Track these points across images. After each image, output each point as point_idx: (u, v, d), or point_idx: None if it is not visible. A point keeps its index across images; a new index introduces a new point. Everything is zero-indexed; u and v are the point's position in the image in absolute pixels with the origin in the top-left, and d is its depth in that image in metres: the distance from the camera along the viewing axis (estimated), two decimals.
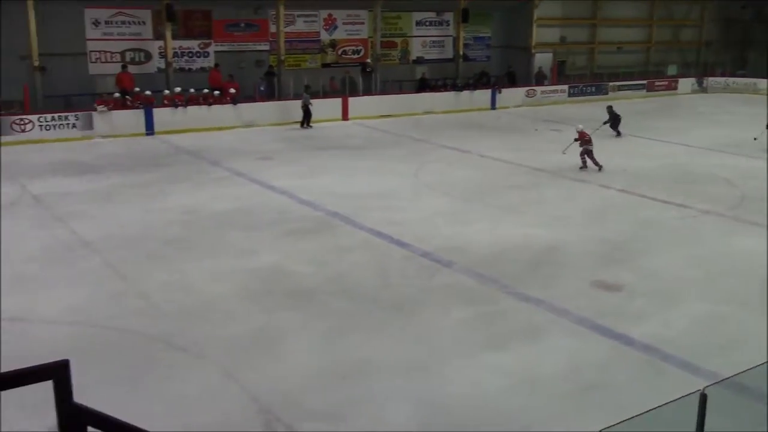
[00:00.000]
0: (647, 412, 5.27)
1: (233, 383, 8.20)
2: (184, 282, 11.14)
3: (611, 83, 35.35)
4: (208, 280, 11.24)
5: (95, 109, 23.04)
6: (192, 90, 25.00)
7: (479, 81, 31.84)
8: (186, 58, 27.01)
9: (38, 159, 19.57)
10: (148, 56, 26.31)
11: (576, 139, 19.12)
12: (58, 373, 2.09)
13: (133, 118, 23.62)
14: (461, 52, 32.35)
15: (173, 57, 25.98)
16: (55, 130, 22.30)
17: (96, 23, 25.16)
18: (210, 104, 24.94)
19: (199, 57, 27.27)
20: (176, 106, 24.33)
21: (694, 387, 5.71)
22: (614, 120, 24.06)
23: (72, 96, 24.06)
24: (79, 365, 2.10)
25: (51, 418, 6.05)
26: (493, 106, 31.29)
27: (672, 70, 39.08)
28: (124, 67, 25.13)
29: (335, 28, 30.12)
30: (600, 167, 18.79)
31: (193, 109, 24.64)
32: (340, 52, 30.42)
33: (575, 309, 10.26)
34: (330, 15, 29.84)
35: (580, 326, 9.79)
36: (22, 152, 20.46)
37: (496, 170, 19.33)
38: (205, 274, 11.48)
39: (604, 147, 22.48)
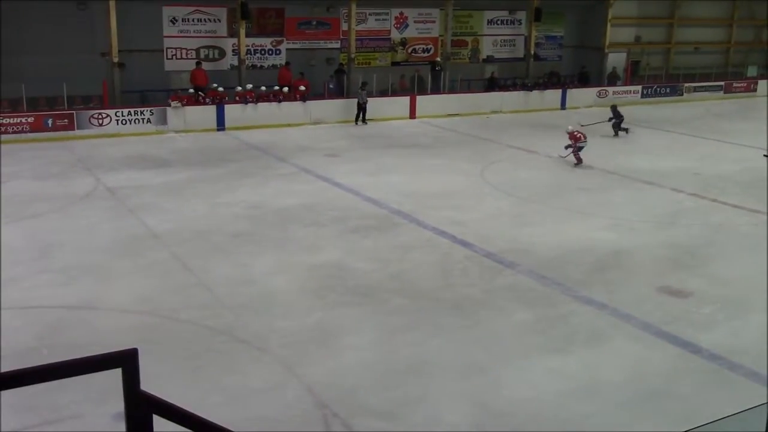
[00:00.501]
0: (713, 422, 5.12)
1: (293, 377, 8.31)
2: (247, 275, 11.34)
3: (686, 84, 34.37)
4: (271, 274, 11.41)
5: (169, 105, 23.63)
6: (263, 87, 25.38)
7: (549, 81, 31.38)
8: (258, 55, 27.43)
9: (114, 152, 20.17)
10: (222, 53, 26.83)
11: (569, 144, 19.35)
12: (127, 361, 2.15)
13: (206, 113, 24.12)
14: (533, 52, 31.94)
15: (246, 54, 26.42)
16: (130, 124, 22.96)
17: (173, 21, 25.77)
18: (280, 101, 25.28)
19: (271, 54, 27.66)
20: (247, 102, 24.74)
21: (763, 398, 5.52)
22: (617, 119, 23.57)
23: (148, 92, 24.73)
24: (145, 354, 2.15)
25: (117, 405, 6.21)
26: (563, 107, 30.82)
27: (752, 71, 37.75)
28: (198, 63, 25.69)
29: (406, 26, 30.13)
30: (579, 162, 19.20)
31: (263, 106, 25.01)
32: (410, 50, 30.42)
33: (640, 314, 10.04)
34: (401, 13, 29.86)
35: (645, 332, 9.57)
36: (98, 145, 21.13)
37: (563, 171, 19.04)
38: (269, 268, 11.65)
39: (672, 150, 21.89)
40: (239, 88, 25.09)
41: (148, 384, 2.31)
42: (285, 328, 9.53)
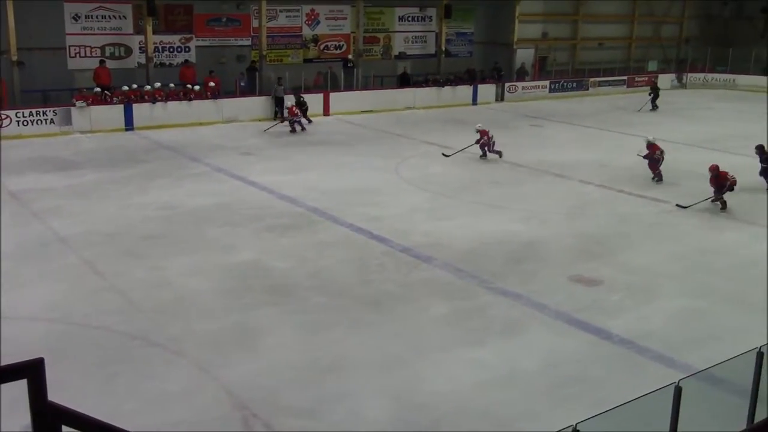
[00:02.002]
0: (623, 404, 5.31)
1: (211, 379, 8.17)
2: (161, 278, 11.08)
3: (591, 79, 35.48)
4: (186, 275, 11.19)
5: (74, 105, 22.82)
6: (172, 85, 24.83)
7: (467, 77, 31.76)
8: (167, 53, 26.82)
9: (15, 155, 19.33)
10: (129, 51, 26.10)
11: (477, 141, 19.94)
12: (32, 371, 2.05)
13: (113, 113, 23.41)
14: (443, 48, 32.33)
15: (154, 52, 25.78)
16: (33, 125, 22.05)
17: (76, 17, 24.91)
18: (190, 99, 24.78)
19: (180, 52, 27.08)
20: (156, 101, 24.15)
21: (670, 380, 5.76)
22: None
23: (50, 91, 23.81)
24: (56, 363, 2.07)
25: (25, 417, 5.97)
26: (474, 102, 31.32)
27: (652, 66, 39.26)
28: (101, 62, 24.91)
29: (318, 23, 30.02)
30: (500, 153, 19.93)
31: (173, 105, 24.46)
32: (322, 47, 30.33)
33: (553, 304, 10.31)
34: (312, 10, 29.74)
35: (558, 320, 9.84)
36: None
37: (476, 166, 19.36)
38: (183, 270, 11.42)
39: (588, 143, 22.61)
40: (148, 87, 24.46)
41: (60, 394, 2.23)
42: (202, 330, 9.36)
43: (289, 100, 25.19)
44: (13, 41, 22.63)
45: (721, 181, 15.08)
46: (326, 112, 27.37)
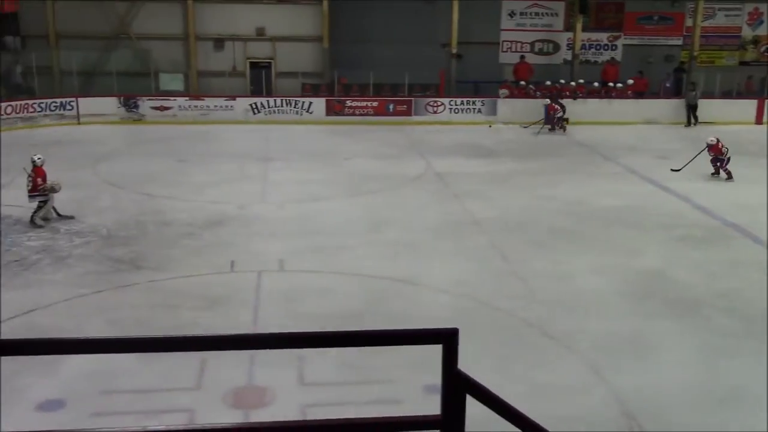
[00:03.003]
0: None
1: (600, 381, 8.11)
2: (563, 272, 11.25)
3: None
4: (587, 273, 11.20)
5: (499, 96, 24.17)
6: (596, 84, 24.85)
7: None
8: (593, 50, 26.91)
9: (445, 139, 21.16)
10: (556, 47, 26.76)
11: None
12: (448, 339, 2.25)
13: (534, 107, 24.26)
14: None
15: (580, 49, 26.07)
16: (462, 113, 23.92)
17: (511, 14, 26.27)
18: (612, 98, 24.56)
19: (606, 50, 26.97)
20: (576, 97, 24.41)
21: None
22: None
23: (480, 83, 25.54)
24: (460, 334, 2.26)
25: (426, 378, 6.53)
26: None
27: None
28: (521, 57, 25.94)
29: (761, 23, 27.48)
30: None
31: (593, 102, 24.50)
32: (762, 49, 27.71)
33: None
34: (756, 9, 27.29)
35: None
36: (431, 132, 22.32)
37: None
38: (585, 266, 11.44)
39: None
40: (572, 83, 24.82)
41: (459, 364, 2.40)
42: (597, 330, 9.31)
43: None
44: (455, 35, 24.70)
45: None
46: (759, 120, 24.99)
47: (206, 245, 12.14)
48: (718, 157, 17.23)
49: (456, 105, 23.97)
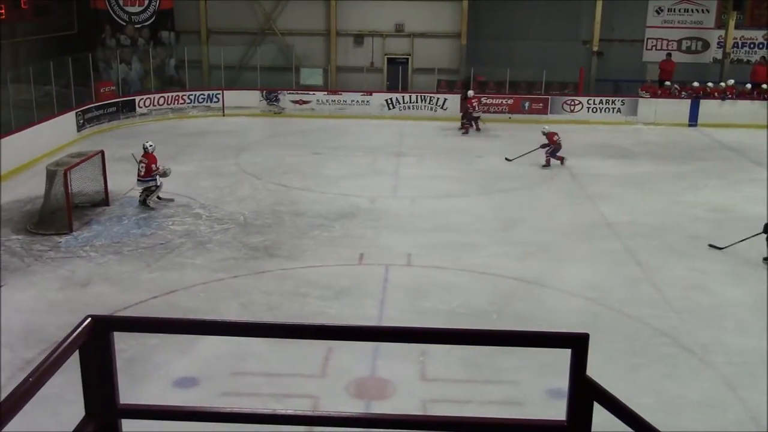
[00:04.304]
0: None
1: (736, 399, 7.71)
2: (700, 281, 10.75)
3: None
4: (725, 284, 10.65)
5: (640, 96, 23.28)
6: (748, 86, 23.47)
7: None
8: (746, 48, 25.40)
9: (580, 139, 20.58)
10: (706, 45, 25.45)
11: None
12: (578, 343, 2.20)
13: (678, 107, 23.22)
14: None
15: (732, 47, 24.69)
16: (600, 113, 23.21)
17: (658, 11, 25.20)
18: (764, 99, 23.10)
19: (761, 48, 25.39)
20: (725, 98, 23.14)
21: None
22: None
23: (621, 81, 24.69)
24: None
25: (551, 381, 6.42)
26: None
27: None
28: (668, 55, 24.83)
29: None
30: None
31: (743, 104, 23.15)
32: None
33: None
34: None
35: None
36: (567, 131, 21.68)
37: None
38: (723, 277, 10.89)
39: None
40: (722, 84, 23.56)
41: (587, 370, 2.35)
42: (735, 344, 8.84)
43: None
44: (596, 33, 24.03)
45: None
46: None
47: (337, 237, 12.43)
48: (552, 146, 17.04)
49: (594, 104, 23.29)
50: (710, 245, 12.06)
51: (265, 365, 8.06)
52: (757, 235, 11.67)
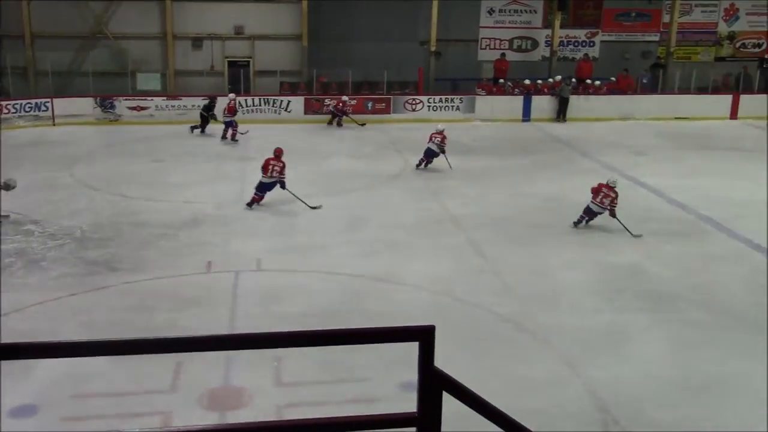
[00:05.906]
0: None
1: (575, 375, 8.19)
2: (539, 267, 11.33)
3: None
4: (563, 268, 11.29)
5: (477, 93, 24.23)
6: (574, 80, 24.97)
7: None
8: (571, 47, 27.02)
9: (422, 137, 21.06)
10: (535, 44, 26.84)
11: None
12: (425, 336, 2.26)
13: (512, 104, 24.35)
14: None
15: (558, 46, 26.19)
16: (440, 111, 23.91)
17: (490, 12, 26.30)
18: (589, 94, 24.69)
19: (584, 46, 27.09)
20: (554, 94, 24.52)
21: None
22: None
23: (459, 80, 25.58)
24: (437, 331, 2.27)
25: (402, 375, 6.54)
26: None
27: None
28: (502, 54, 26.04)
29: (737, 18, 27.73)
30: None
31: (572, 99, 24.59)
32: (738, 45, 27.98)
33: None
34: (732, 5, 27.53)
35: None
36: (409, 129, 22.24)
37: None
38: (561, 262, 11.55)
39: None
40: (550, 80, 24.93)
41: (435, 360, 2.42)
42: (572, 324, 9.40)
43: None
44: (434, 33, 24.74)
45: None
46: (733, 115, 25.25)
47: (183, 246, 12.10)
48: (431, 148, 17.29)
49: (434, 102, 23.98)
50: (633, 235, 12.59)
51: (109, 385, 7.69)
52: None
